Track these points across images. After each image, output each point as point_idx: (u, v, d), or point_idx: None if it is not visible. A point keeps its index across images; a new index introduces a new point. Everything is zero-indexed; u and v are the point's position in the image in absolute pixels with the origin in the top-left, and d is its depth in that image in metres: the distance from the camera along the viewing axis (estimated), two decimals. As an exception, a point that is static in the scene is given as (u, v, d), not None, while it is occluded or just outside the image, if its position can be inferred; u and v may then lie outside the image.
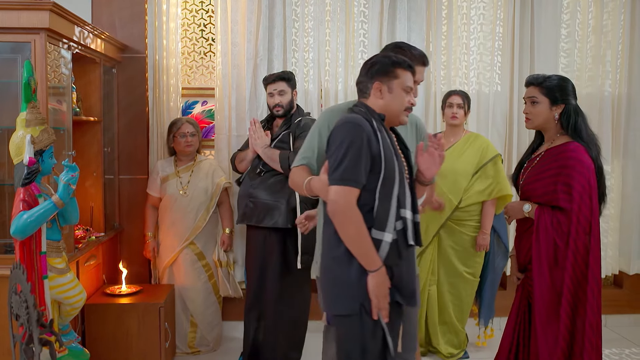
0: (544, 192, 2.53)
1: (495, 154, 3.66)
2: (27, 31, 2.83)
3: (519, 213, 2.62)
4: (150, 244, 3.89)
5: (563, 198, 2.46)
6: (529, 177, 2.61)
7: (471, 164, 3.62)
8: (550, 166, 2.52)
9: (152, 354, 3.44)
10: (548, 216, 2.49)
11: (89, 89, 3.68)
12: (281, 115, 3.58)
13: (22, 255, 2.51)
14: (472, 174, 3.62)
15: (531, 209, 2.56)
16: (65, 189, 2.56)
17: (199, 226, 3.81)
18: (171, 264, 3.85)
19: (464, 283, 3.71)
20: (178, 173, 3.85)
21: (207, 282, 3.88)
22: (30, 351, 2.35)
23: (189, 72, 4.29)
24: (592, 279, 2.51)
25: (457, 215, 3.62)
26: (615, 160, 4.37)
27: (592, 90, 4.31)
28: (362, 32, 4.18)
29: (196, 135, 3.84)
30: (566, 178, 2.45)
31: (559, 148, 2.54)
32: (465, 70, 4.22)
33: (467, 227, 3.66)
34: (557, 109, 2.56)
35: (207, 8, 4.24)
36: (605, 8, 4.26)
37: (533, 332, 2.60)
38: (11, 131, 2.63)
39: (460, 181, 3.60)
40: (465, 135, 3.74)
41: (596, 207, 2.50)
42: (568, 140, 2.55)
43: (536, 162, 2.61)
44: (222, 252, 3.90)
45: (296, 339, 3.65)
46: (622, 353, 4.00)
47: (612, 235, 4.41)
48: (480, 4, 4.26)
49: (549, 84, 2.56)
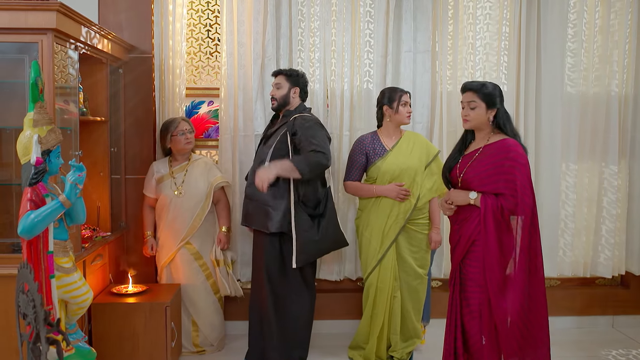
0: (487, 182, 2.82)
1: (437, 151, 3.74)
2: (35, 31, 2.85)
3: (465, 200, 2.87)
4: (149, 241, 3.91)
5: (506, 186, 2.76)
6: (471, 170, 2.89)
7: (421, 160, 3.65)
8: (493, 159, 2.83)
9: (158, 353, 3.45)
10: (494, 201, 2.78)
11: (96, 89, 3.69)
12: (274, 108, 3.66)
13: (29, 254, 2.52)
14: (423, 170, 3.65)
15: (477, 196, 2.83)
16: (72, 189, 2.56)
17: (194, 226, 3.81)
18: (169, 264, 3.86)
19: (421, 284, 3.72)
20: (172, 173, 3.85)
21: (205, 281, 3.88)
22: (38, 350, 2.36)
23: (195, 72, 4.30)
24: (540, 265, 2.83)
25: (413, 214, 3.62)
26: (622, 160, 4.35)
27: (599, 90, 4.29)
28: (368, 32, 4.18)
29: (193, 132, 3.87)
30: (509, 169, 2.77)
31: (497, 143, 2.86)
32: (471, 70, 4.22)
33: (420, 225, 3.67)
34: (492, 112, 2.88)
35: (213, 8, 4.25)
36: (612, 8, 4.24)
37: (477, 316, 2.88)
38: (18, 131, 2.64)
39: (417, 178, 3.62)
40: (404, 133, 3.74)
41: (533, 194, 2.81)
42: (503, 137, 2.87)
43: (476, 156, 2.90)
44: (219, 251, 3.90)
45: (301, 338, 3.66)
46: (629, 354, 3.99)
47: (618, 235, 4.39)
48: (486, 4, 4.25)
49: (486, 90, 2.87)
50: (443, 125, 4.18)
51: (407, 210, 3.59)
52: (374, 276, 3.65)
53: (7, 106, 3.10)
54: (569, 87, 4.31)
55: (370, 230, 3.66)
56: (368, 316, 3.72)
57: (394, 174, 3.60)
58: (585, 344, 4.16)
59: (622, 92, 4.30)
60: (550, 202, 4.28)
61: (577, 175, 4.37)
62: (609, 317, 4.51)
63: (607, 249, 4.39)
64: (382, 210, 3.62)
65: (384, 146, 3.66)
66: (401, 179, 3.59)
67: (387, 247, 3.62)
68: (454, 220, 3.00)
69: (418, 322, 3.78)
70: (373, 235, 3.64)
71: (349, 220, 4.17)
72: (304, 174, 3.38)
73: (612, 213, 4.38)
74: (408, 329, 3.75)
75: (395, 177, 3.60)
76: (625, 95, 4.31)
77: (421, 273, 3.70)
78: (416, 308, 3.75)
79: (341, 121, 4.15)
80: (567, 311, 4.46)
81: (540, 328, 2.83)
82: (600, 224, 4.39)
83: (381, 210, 3.62)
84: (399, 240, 3.64)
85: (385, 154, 3.64)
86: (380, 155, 3.65)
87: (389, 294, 3.64)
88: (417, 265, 3.68)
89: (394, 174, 3.60)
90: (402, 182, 3.59)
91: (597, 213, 4.37)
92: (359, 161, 3.70)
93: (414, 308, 3.73)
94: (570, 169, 4.37)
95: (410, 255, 3.66)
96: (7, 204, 3.14)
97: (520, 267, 2.76)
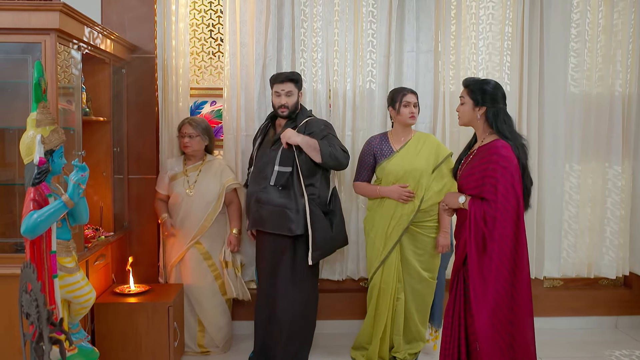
0: (474, 185, 2.75)
1: (448, 153, 3.65)
2: (38, 32, 2.85)
3: (456, 203, 2.83)
4: (167, 222, 3.84)
5: (489, 190, 2.67)
6: (464, 172, 2.85)
7: (429, 162, 3.59)
8: (480, 161, 2.75)
9: (161, 353, 3.45)
10: (478, 206, 2.70)
11: (99, 89, 3.70)
12: (286, 116, 3.63)
13: (32, 254, 2.53)
14: (430, 173, 3.59)
15: (465, 200, 2.78)
16: (75, 189, 2.57)
17: (205, 226, 3.81)
18: (178, 263, 3.86)
19: (427, 287, 3.68)
20: (186, 172, 3.86)
21: (213, 282, 3.88)
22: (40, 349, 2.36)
23: (198, 73, 4.30)
24: (521, 263, 2.68)
25: (418, 217, 3.59)
26: (626, 161, 4.34)
27: (602, 90, 4.28)
28: (370, 32, 4.18)
29: (198, 136, 3.82)
30: (492, 172, 2.67)
31: (487, 145, 2.77)
32: (474, 70, 4.21)
33: (427, 228, 3.62)
34: (480, 110, 2.80)
35: (215, 8, 4.26)
36: (616, 7, 4.24)
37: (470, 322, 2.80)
38: (22, 131, 2.64)
39: (422, 180, 3.58)
40: (415, 134, 3.70)
41: (521, 196, 2.69)
42: (496, 138, 2.77)
43: (470, 158, 2.85)
44: (228, 253, 3.90)
45: (305, 338, 3.66)
46: (633, 354, 3.97)
47: (622, 236, 4.38)
48: (489, 4, 4.24)
49: (474, 87, 2.81)
50: (446, 125, 4.18)
51: (410, 212, 3.57)
52: (378, 277, 3.65)
53: (10, 106, 3.11)
54: (572, 87, 4.30)
55: (375, 231, 3.67)
56: (371, 316, 3.71)
57: (398, 175, 3.59)
58: (588, 345, 4.15)
59: (626, 92, 4.29)
60: (553, 203, 4.27)
61: (581, 176, 4.36)
62: (613, 318, 4.50)
63: (612, 251, 4.37)
64: (386, 211, 3.61)
65: (392, 147, 3.66)
66: (405, 180, 3.58)
67: (390, 248, 3.61)
68: (457, 223, 2.97)
69: (423, 326, 3.75)
70: (377, 236, 3.65)
71: (352, 220, 4.17)
72: (324, 158, 3.45)
73: (616, 214, 4.36)
74: (411, 331, 3.73)
75: (399, 178, 3.59)
76: (629, 95, 4.30)
77: (426, 276, 3.66)
78: (421, 311, 3.71)
79: (343, 121, 4.15)
80: (570, 312, 4.45)
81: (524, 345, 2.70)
82: (605, 225, 4.38)
83: (385, 211, 3.62)
84: (403, 242, 3.62)
85: (391, 155, 3.63)
86: (386, 156, 3.65)
87: (392, 295, 3.64)
88: (422, 269, 3.64)
89: (398, 175, 3.59)
90: (407, 183, 3.58)
91: (600, 214, 4.36)
92: (368, 162, 3.71)
93: (418, 311, 3.70)
94: (574, 169, 4.35)
95: (415, 258, 3.64)
96: (10, 203, 3.15)
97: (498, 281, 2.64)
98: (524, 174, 2.75)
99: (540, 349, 3.89)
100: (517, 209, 2.65)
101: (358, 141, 4.14)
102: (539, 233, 4.30)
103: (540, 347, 3.91)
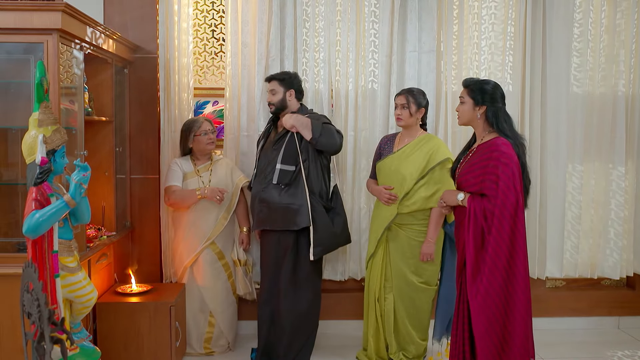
0: (474, 182, 2.78)
1: (444, 158, 3.46)
2: (40, 32, 2.86)
3: (454, 201, 2.85)
4: (212, 189, 3.67)
5: (489, 187, 2.70)
6: (463, 170, 2.87)
7: (417, 167, 3.47)
8: (480, 159, 2.78)
9: (163, 352, 3.46)
10: (478, 203, 2.73)
11: (101, 89, 3.70)
12: (273, 112, 3.71)
13: (34, 253, 2.53)
14: (417, 178, 3.47)
15: (464, 197, 2.80)
16: (77, 189, 2.57)
17: (222, 224, 3.81)
18: (191, 264, 3.84)
19: (417, 292, 3.57)
20: (198, 172, 3.85)
21: (226, 281, 3.89)
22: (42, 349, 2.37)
23: (200, 72, 4.31)
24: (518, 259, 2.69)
25: (403, 219, 3.55)
26: (629, 161, 4.32)
27: (605, 90, 4.27)
28: (372, 32, 4.17)
29: (215, 132, 3.87)
30: (493, 169, 2.70)
31: (487, 143, 2.80)
32: (476, 70, 4.20)
33: (415, 232, 3.54)
34: (480, 110, 2.83)
35: (218, 8, 4.26)
36: (619, 7, 4.22)
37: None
38: (24, 131, 2.65)
39: (404, 184, 3.51)
40: (419, 136, 3.58)
41: (521, 193, 2.72)
42: (496, 136, 2.81)
43: (470, 156, 2.88)
44: (241, 251, 3.91)
45: (308, 338, 3.66)
46: (635, 355, 3.96)
47: (626, 237, 4.36)
48: (491, 4, 4.23)
49: (474, 87, 2.84)
50: (448, 125, 4.17)
51: (390, 216, 3.55)
52: (367, 275, 3.71)
53: (12, 106, 3.11)
54: (575, 87, 4.28)
55: (370, 229, 3.76)
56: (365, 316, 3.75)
57: (386, 176, 3.60)
58: (590, 345, 4.14)
59: (629, 92, 4.28)
60: (555, 204, 4.26)
61: (584, 177, 4.34)
62: (615, 318, 4.49)
63: (616, 252, 4.35)
64: (377, 211, 3.69)
65: (393, 147, 3.66)
66: (390, 182, 3.57)
67: (374, 247, 3.63)
68: (455, 223, 2.97)
69: (417, 331, 3.63)
70: (370, 234, 3.73)
71: (354, 220, 4.17)
72: (314, 133, 3.48)
73: (620, 215, 4.34)
74: (402, 334, 3.65)
75: (387, 179, 3.60)
76: (632, 95, 4.29)
77: (414, 280, 3.56)
78: (412, 315, 3.60)
79: (346, 121, 4.14)
80: (572, 312, 4.44)
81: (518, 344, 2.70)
82: (608, 226, 4.36)
83: (376, 211, 3.70)
84: (389, 244, 3.61)
85: (387, 155, 3.64)
86: (384, 156, 3.66)
87: (376, 294, 3.63)
88: (410, 272, 3.56)
89: (386, 176, 3.60)
90: (392, 185, 3.56)
91: (604, 215, 4.34)
92: (375, 159, 3.76)
93: (409, 315, 3.61)
94: (577, 170, 4.34)
95: (403, 260, 3.57)
96: (13, 203, 3.16)
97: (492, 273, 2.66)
98: (523, 173, 2.77)
99: (542, 349, 3.92)
100: (515, 205, 2.67)
101: (360, 141, 4.14)
102: (541, 233, 4.29)
103: (542, 348, 3.93)
